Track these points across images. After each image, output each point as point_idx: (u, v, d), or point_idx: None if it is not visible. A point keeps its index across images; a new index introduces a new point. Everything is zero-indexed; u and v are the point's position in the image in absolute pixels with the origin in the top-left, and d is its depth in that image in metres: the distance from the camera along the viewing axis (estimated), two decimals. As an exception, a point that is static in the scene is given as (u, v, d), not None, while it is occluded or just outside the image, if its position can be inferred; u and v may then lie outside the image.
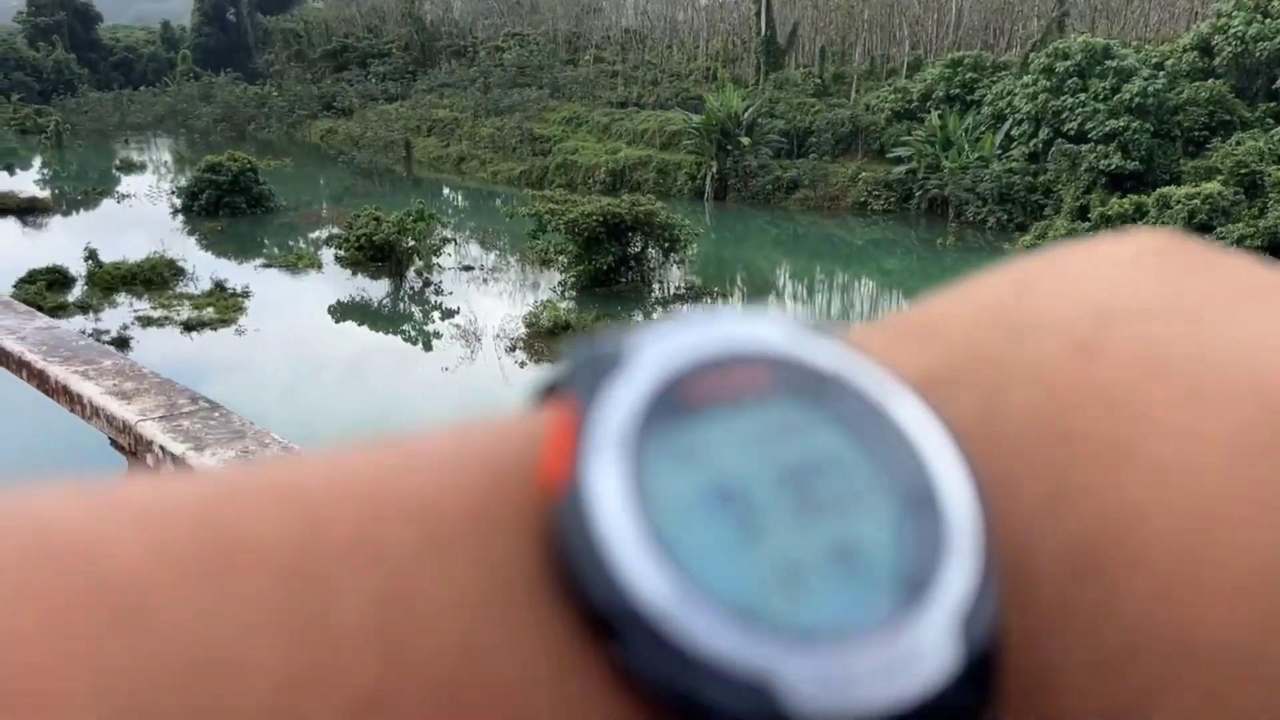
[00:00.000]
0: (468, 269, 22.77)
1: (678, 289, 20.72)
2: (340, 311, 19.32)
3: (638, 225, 19.62)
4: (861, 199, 28.13)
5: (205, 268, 21.11)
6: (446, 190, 33.44)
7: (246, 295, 19.48)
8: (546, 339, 16.79)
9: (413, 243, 20.49)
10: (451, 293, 20.60)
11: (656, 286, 20.55)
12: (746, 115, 29.35)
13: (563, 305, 18.39)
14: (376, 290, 20.33)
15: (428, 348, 17.83)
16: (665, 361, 0.15)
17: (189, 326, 18.09)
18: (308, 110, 43.90)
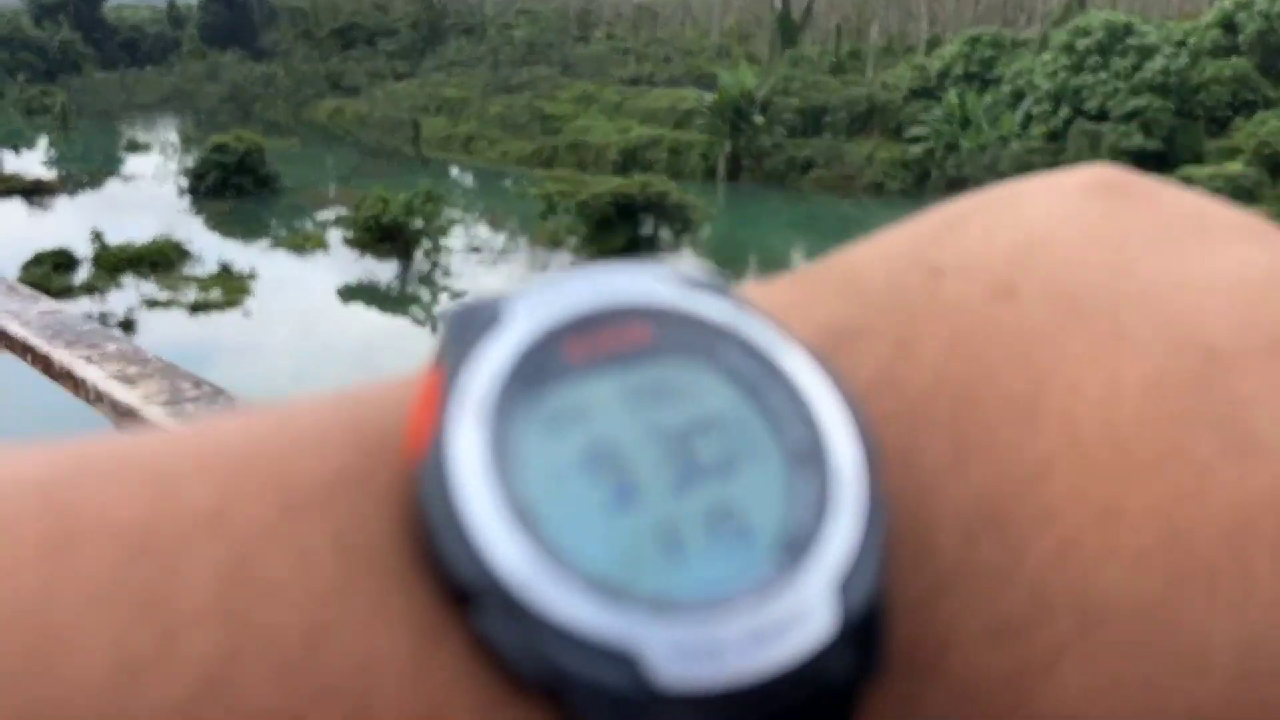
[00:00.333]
0: (476, 250, 22.44)
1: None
2: (348, 293, 19.03)
3: (650, 206, 19.26)
4: (878, 179, 27.66)
5: (212, 249, 20.83)
6: (455, 170, 33.06)
7: (253, 277, 19.20)
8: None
9: (421, 224, 20.17)
10: (460, 275, 20.28)
11: (669, 269, 20.19)
12: (761, 93, 28.87)
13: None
14: (384, 272, 20.03)
15: (436, 330, 17.55)
16: (541, 317, 0.14)
17: (195, 309, 17.83)
18: (314, 89, 43.50)
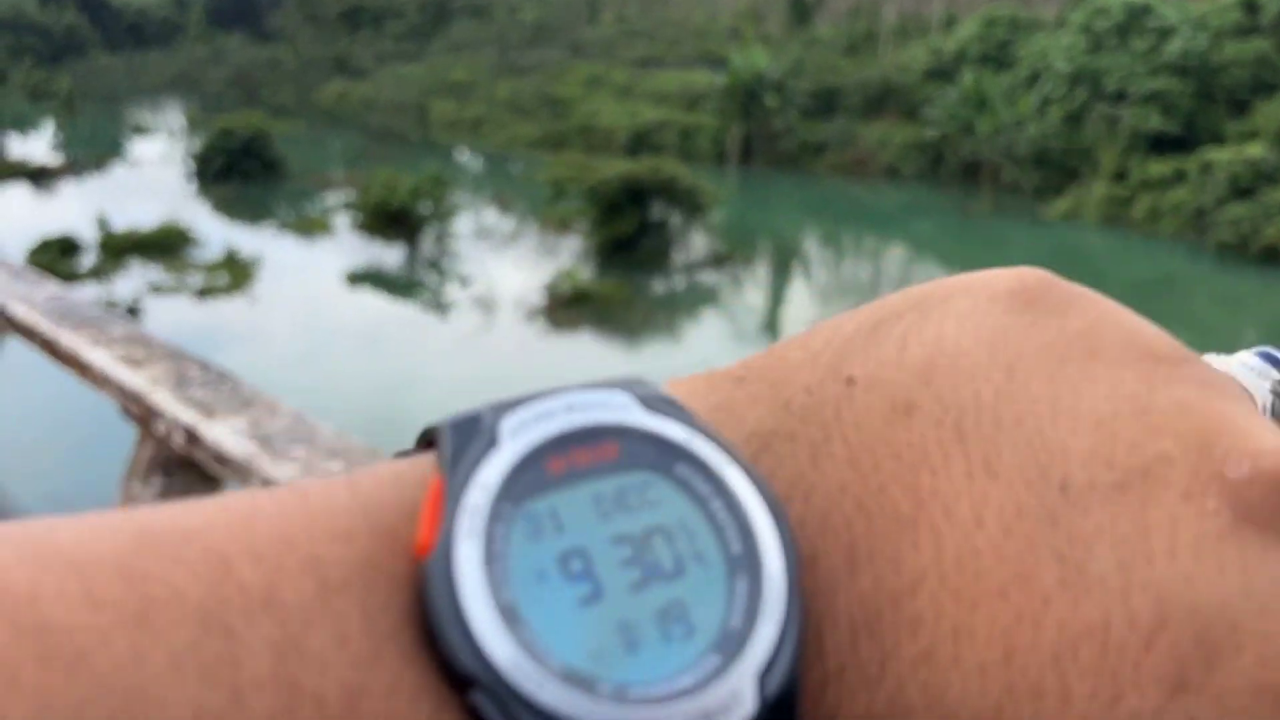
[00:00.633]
0: (484, 235, 22.18)
1: (702, 257, 20.07)
2: (354, 279, 18.79)
3: (660, 190, 18.96)
4: (892, 162, 27.28)
5: (218, 234, 20.59)
6: (463, 154, 32.75)
7: (259, 262, 18.97)
8: (566, 308, 16.24)
9: (428, 209, 19.91)
10: (467, 259, 20.03)
11: (679, 253, 19.91)
12: (773, 75, 28.46)
13: (583, 274, 17.79)
14: (391, 257, 19.77)
15: (442, 315, 17.30)
16: (530, 437, 0.17)
17: (201, 294, 17.63)
18: (321, 72, 43.15)
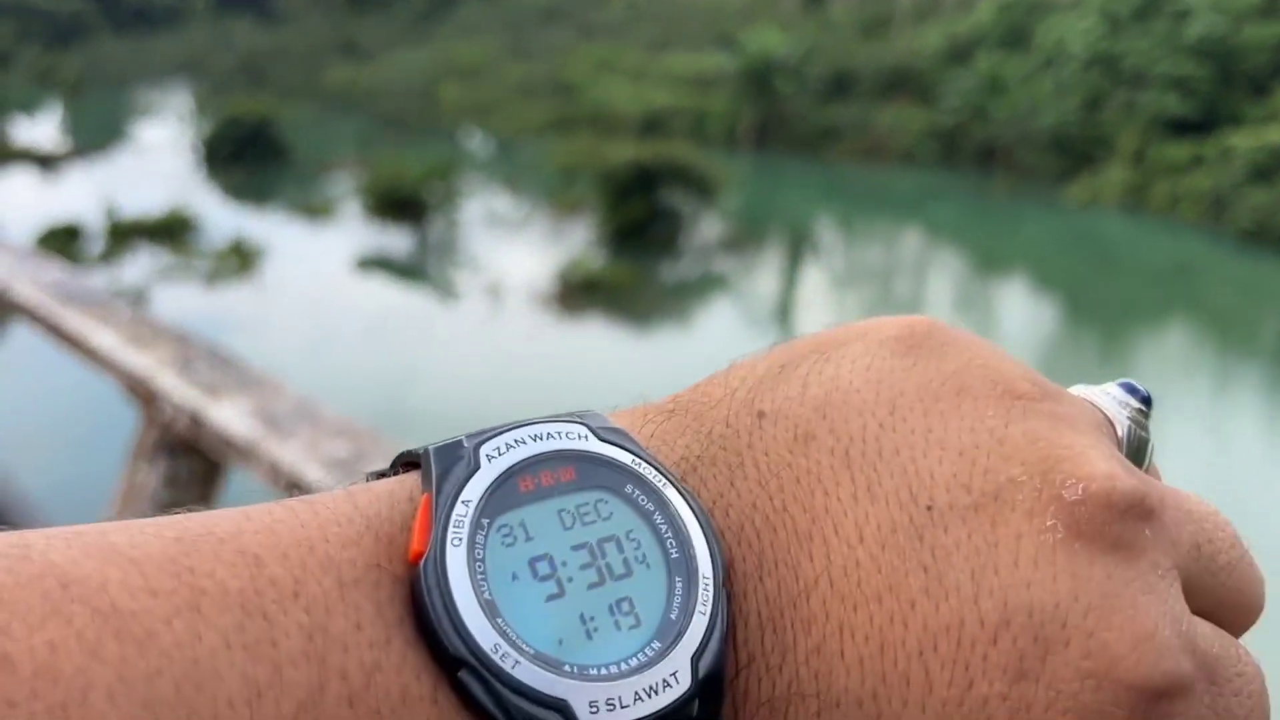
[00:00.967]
0: (493, 221, 21.94)
1: (714, 243, 19.82)
2: (362, 265, 18.60)
3: (671, 175, 18.69)
4: (908, 147, 26.94)
5: (226, 220, 20.40)
6: (472, 138, 32.48)
7: (267, 248, 18.78)
8: (577, 295, 16.02)
9: (437, 193, 19.69)
10: (477, 245, 19.81)
11: (691, 239, 19.65)
12: (786, 58, 28.10)
13: (594, 260, 17.56)
14: (399, 243, 19.57)
15: (451, 301, 17.11)
16: (504, 461, 0.21)
17: (209, 279, 17.46)
18: (328, 56, 42.87)
